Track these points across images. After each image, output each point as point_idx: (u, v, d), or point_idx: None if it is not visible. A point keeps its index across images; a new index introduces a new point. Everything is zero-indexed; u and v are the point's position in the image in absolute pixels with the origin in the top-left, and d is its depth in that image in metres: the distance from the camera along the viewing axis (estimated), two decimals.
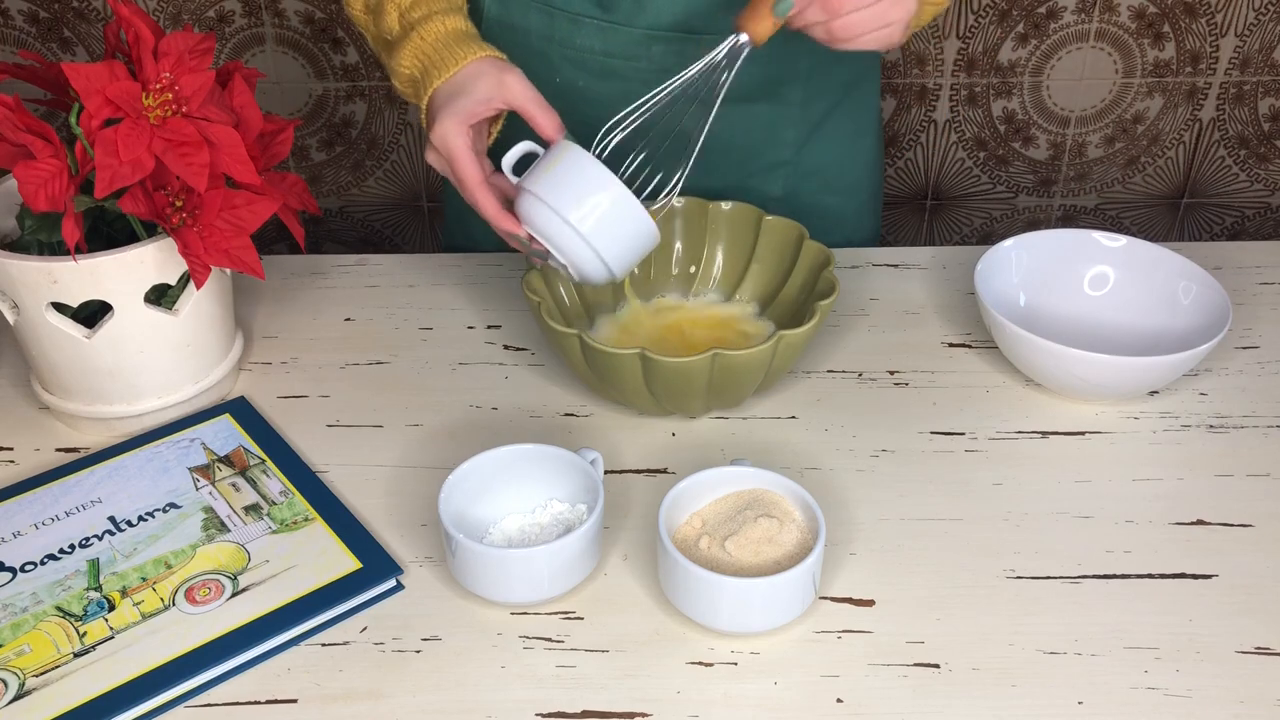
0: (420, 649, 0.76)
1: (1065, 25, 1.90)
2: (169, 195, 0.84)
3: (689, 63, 1.02)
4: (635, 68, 1.04)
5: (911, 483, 0.88)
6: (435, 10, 0.95)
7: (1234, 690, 0.73)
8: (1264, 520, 0.85)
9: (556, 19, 1.04)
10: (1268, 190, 2.10)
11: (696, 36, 1.02)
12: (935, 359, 1.01)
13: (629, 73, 1.04)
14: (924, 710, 0.72)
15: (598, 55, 1.04)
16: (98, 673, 0.72)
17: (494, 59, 0.91)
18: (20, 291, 0.86)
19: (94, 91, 0.80)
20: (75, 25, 1.86)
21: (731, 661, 0.75)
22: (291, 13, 1.86)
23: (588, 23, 1.02)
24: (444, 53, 0.91)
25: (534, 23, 1.05)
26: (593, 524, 0.77)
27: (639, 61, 1.04)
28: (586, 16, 1.02)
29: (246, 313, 1.07)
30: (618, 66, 1.04)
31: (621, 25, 1.02)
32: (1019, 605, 0.78)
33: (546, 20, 1.05)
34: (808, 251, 0.98)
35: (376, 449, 0.91)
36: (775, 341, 0.86)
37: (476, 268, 1.12)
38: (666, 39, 1.02)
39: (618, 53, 1.03)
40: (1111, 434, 0.93)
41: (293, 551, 0.81)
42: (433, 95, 0.91)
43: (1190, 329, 0.98)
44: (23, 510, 0.84)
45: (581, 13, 1.03)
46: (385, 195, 2.06)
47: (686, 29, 1.01)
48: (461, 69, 0.90)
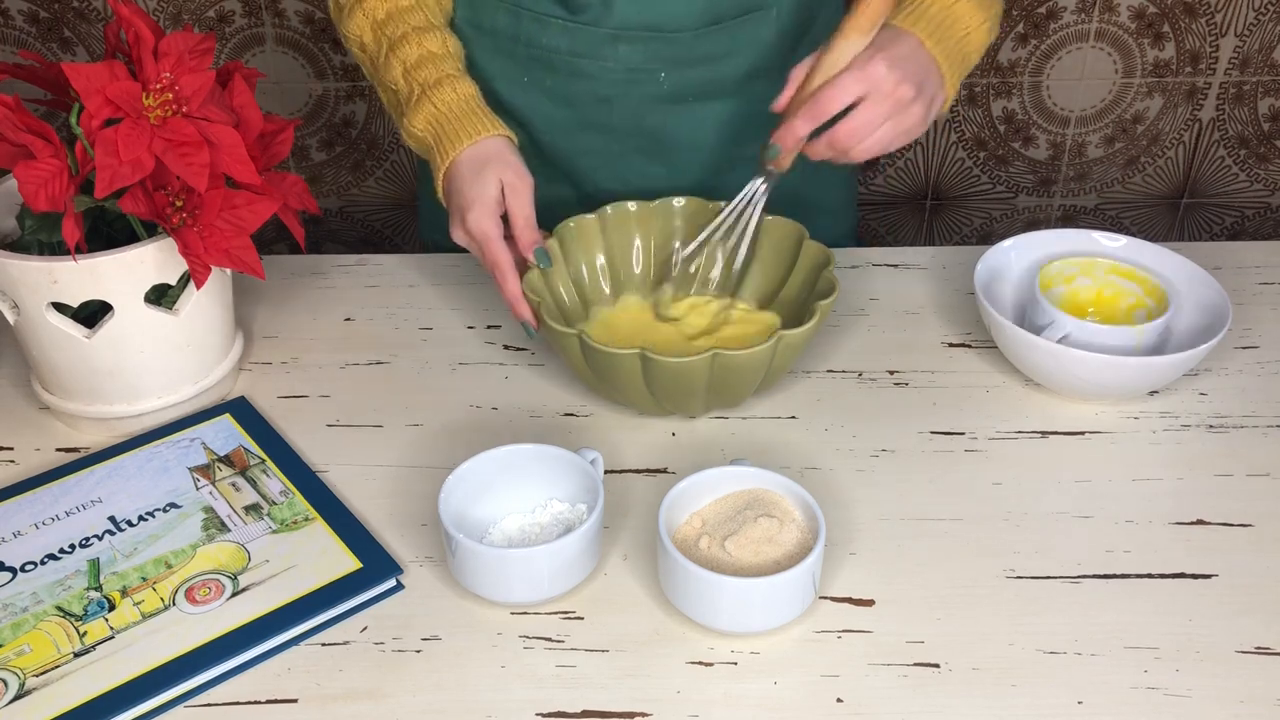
0: (420, 649, 0.76)
1: (1065, 25, 1.90)
2: (169, 195, 0.84)
3: (654, 63, 1.03)
4: (602, 67, 1.04)
5: (911, 483, 0.88)
6: (446, 74, 0.98)
7: (1234, 690, 0.73)
8: (1264, 520, 0.85)
9: (523, 19, 1.04)
10: (1268, 190, 2.10)
11: (663, 35, 1.02)
12: (935, 359, 1.01)
13: (596, 72, 1.04)
14: (924, 710, 0.72)
15: (564, 55, 1.04)
16: (98, 672, 0.72)
17: (505, 140, 0.96)
18: (20, 291, 0.86)
19: (94, 91, 0.80)
20: (75, 25, 1.86)
21: (731, 661, 0.75)
22: (291, 13, 1.86)
23: (553, 23, 1.03)
24: (460, 124, 0.95)
25: (501, 23, 1.05)
26: (593, 524, 0.77)
27: (606, 61, 1.04)
28: (552, 17, 1.03)
29: (246, 313, 1.07)
30: (584, 66, 1.04)
31: (587, 25, 1.02)
32: (1019, 605, 0.78)
33: (513, 20, 1.05)
34: (808, 251, 0.98)
35: (376, 449, 0.91)
36: (775, 341, 0.86)
37: (476, 268, 1.12)
38: (632, 39, 1.02)
39: (584, 52, 1.04)
40: (1111, 434, 0.93)
41: (293, 551, 0.81)
42: (451, 165, 0.95)
43: (1190, 329, 0.98)
44: (23, 510, 0.84)
45: (547, 13, 1.03)
46: (385, 195, 2.06)
47: (653, 28, 1.02)
48: (477, 144, 0.95)
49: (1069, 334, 0.93)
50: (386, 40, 1.00)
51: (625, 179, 1.10)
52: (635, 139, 1.09)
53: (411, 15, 1.01)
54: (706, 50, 1.03)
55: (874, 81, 0.86)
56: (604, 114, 1.07)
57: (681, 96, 1.06)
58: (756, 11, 1.03)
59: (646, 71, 1.04)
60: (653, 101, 1.06)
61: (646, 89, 1.05)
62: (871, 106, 0.86)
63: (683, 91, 1.06)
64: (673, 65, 1.04)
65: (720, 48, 1.04)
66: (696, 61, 1.04)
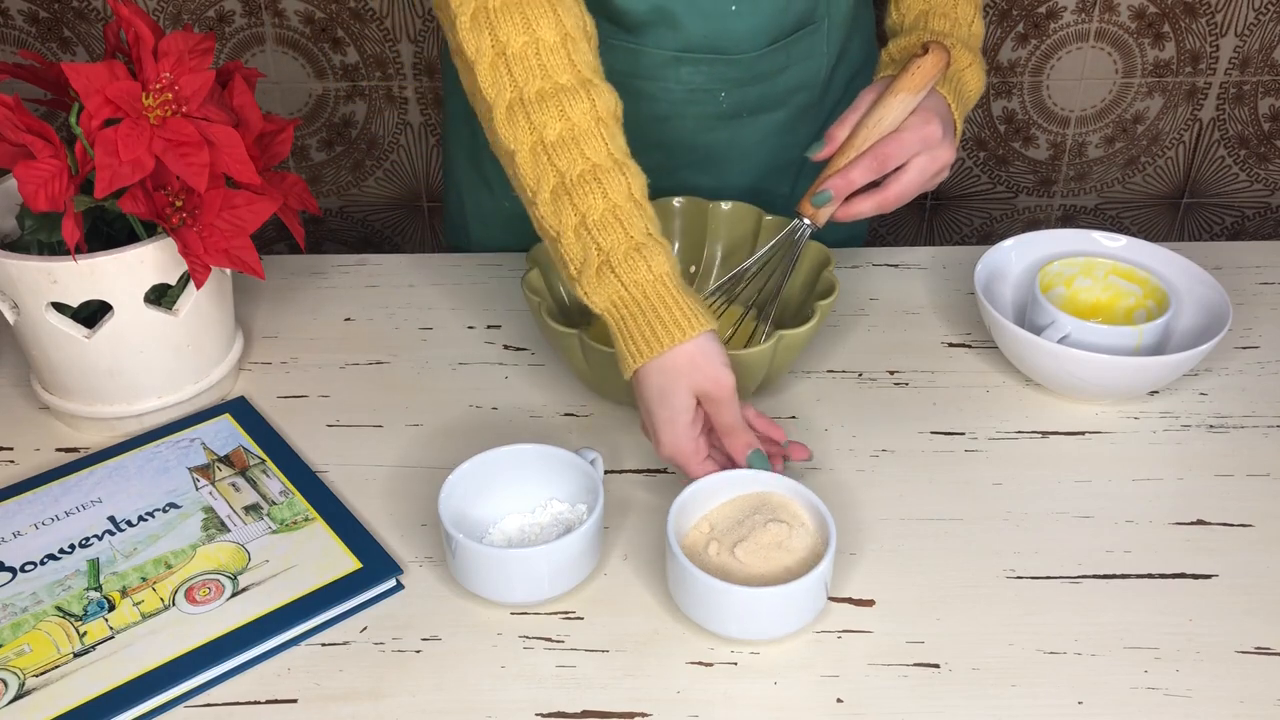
0: (420, 649, 0.76)
1: (1065, 25, 1.90)
2: (169, 195, 0.84)
3: (715, 83, 1.03)
4: (663, 88, 1.04)
5: (911, 483, 0.88)
6: (636, 243, 0.81)
7: (1234, 690, 0.73)
8: (1264, 520, 0.85)
9: None
10: (1268, 190, 2.10)
11: (724, 57, 1.02)
12: (935, 359, 1.01)
13: (657, 93, 1.04)
14: (924, 710, 0.72)
15: (625, 77, 1.03)
16: (98, 673, 0.72)
17: (704, 339, 0.80)
18: (20, 291, 0.86)
19: (94, 91, 0.80)
20: (75, 25, 1.86)
21: (731, 661, 0.74)
22: (291, 13, 1.86)
23: (616, 46, 1.02)
24: (653, 319, 0.80)
25: None
26: (593, 524, 0.77)
27: (667, 83, 1.03)
28: (614, 40, 1.01)
29: (246, 313, 1.07)
30: (645, 87, 1.04)
31: (651, 49, 1.02)
32: (1019, 605, 0.78)
33: None
34: (808, 251, 0.98)
35: (376, 449, 0.91)
36: (775, 341, 0.86)
37: (476, 268, 1.12)
38: (696, 61, 1.02)
39: (646, 74, 1.03)
40: (1111, 434, 0.93)
41: (293, 551, 0.81)
42: (640, 373, 0.81)
43: (1190, 329, 0.98)
44: (23, 510, 0.84)
45: (609, 36, 1.01)
46: (385, 195, 2.06)
47: (717, 50, 1.01)
48: (680, 348, 0.80)
49: (1069, 334, 0.93)
50: (554, 172, 0.83)
51: (673, 190, 1.09)
52: (690, 154, 1.09)
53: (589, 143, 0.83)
54: (765, 68, 1.04)
55: (930, 142, 0.90)
56: (662, 132, 1.07)
57: (738, 113, 1.07)
58: (810, 26, 1.04)
59: (707, 91, 1.04)
60: (711, 119, 1.07)
61: (706, 108, 1.06)
62: (924, 164, 0.91)
63: (740, 109, 1.06)
64: (733, 85, 1.04)
65: (777, 65, 1.04)
66: (755, 80, 1.04)
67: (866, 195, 0.92)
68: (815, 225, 0.92)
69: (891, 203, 0.91)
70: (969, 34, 1.00)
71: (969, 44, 0.99)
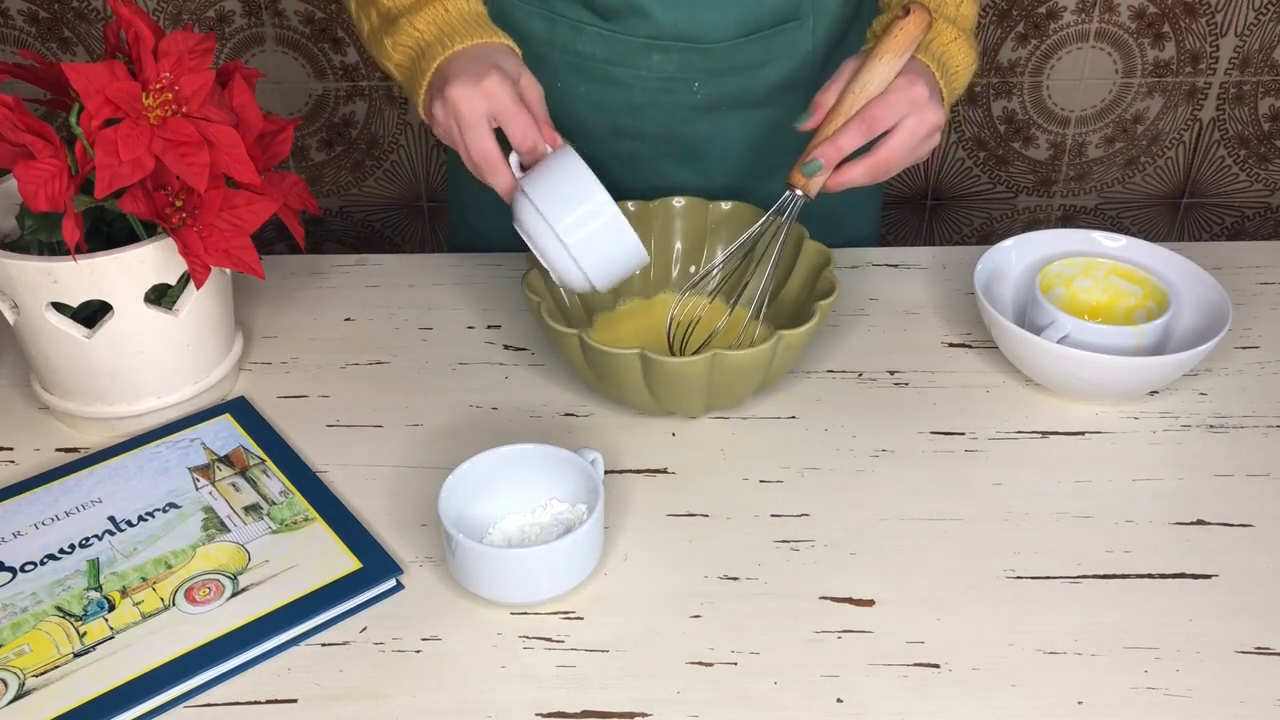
0: (420, 649, 0.76)
1: (1065, 25, 1.90)
2: (169, 195, 0.84)
3: (688, 72, 1.03)
4: (636, 75, 1.04)
5: (911, 483, 0.88)
6: None
7: (1234, 690, 0.73)
8: (1264, 520, 0.85)
9: (558, 25, 1.04)
10: (1268, 190, 2.10)
11: (696, 46, 1.02)
12: (935, 359, 1.01)
13: (630, 80, 1.04)
14: (924, 710, 0.72)
15: (598, 63, 1.04)
16: (98, 673, 0.72)
17: (515, 51, 0.91)
18: (20, 291, 0.86)
19: (94, 91, 0.80)
20: (75, 25, 1.86)
21: (731, 661, 0.75)
22: (291, 13, 1.86)
23: (588, 30, 1.02)
24: (468, 27, 0.90)
25: (536, 28, 1.05)
26: (593, 524, 0.77)
27: (640, 70, 1.04)
28: (587, 24, 1.02)
29: (246, 313, 1.07)
30: (618, 74, 1.04)
31: (622, 34, 1.02)
32: (1019, 605, 0.78)
33: (548, 26, 1.05)
34: (808, 251, 0.98)
35: (376, 449, 0.91)
36: (775, 341, 0.86)
37: (476, 268, 1.12)
38: (667, 48, 1.02)
39: (618, 60, 1.04)
40: (1111, 434, 0.93)
41: (293, 551, 0.81)
42: (450, 58, 0.88)
43: (1190, 329, 0.98)
44: (23, 510, 0.84)
45: (582, 20, 1.03)
46: (385, 195, 2.06)
47: (688, 38, 1.01)
48: (485, 43, 0.89)
49: (1069, 334, 0.93)
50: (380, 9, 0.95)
51: (656, 183, 1.10)
52: (667, 145, 1.09)
53: None
54: (741, 60, 1.04)
55: (917, 104, 0.89)
56: (636, 121, 1.07)
57: (715, 105, 1.06)
58: (792, 22, 1.03)
59: (680, 81, 1.04)
60: (686, 110, 1.06)
61: (680, 98, 1.06)
62: (913, 126, 0.89)
63: (716, 100, 1.06)
64: (707, 75, 1.04)
65: (755, 58, 1.04)
66: (731, 71, 1.04)
67: (857, 161, 0.90)
68: (807, 196, 0.91)
69: (881, 166, 0.90)
70: (956, 14, 0.98)
71: (957, 23, 0.98)
